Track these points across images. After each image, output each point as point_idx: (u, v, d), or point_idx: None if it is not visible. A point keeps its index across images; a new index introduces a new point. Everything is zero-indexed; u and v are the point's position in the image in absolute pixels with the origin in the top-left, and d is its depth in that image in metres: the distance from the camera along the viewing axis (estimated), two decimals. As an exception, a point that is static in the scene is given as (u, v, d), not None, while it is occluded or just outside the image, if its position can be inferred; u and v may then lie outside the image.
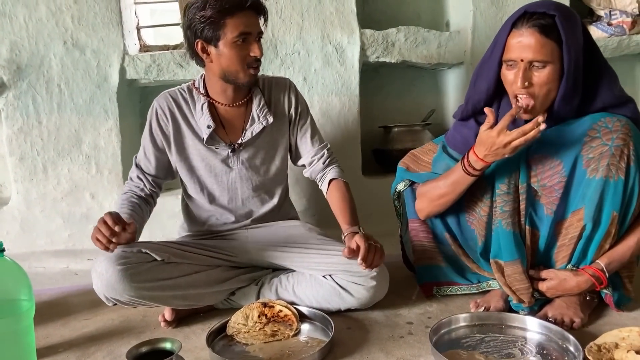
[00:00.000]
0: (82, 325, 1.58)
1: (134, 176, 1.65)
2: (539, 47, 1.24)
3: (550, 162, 1.37)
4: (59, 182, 2.24)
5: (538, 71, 1.27)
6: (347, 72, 2.28)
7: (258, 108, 1.62)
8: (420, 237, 1.62)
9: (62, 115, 2.21)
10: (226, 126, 1.62)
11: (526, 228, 1.43)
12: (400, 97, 2.62)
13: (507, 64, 1.31)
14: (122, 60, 2.20)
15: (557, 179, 1.36)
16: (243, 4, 1.45)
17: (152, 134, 1.62)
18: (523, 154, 1.39)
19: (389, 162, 2.41)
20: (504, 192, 1.42)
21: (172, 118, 1.61)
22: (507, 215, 1.42)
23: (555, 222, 1.41)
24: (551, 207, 1.39)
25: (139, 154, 1.67)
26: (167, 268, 1.46)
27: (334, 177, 1.64)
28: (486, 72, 1.36)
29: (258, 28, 1.50)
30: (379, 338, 1.39)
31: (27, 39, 2.16)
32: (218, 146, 1.61)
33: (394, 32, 2.30)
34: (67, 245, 2.27)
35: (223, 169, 1.63)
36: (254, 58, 1.50)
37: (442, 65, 2.44)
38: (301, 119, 1.69)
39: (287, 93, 1.68)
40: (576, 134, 1.32)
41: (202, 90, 1.61)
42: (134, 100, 2.40)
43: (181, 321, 1.54)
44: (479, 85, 1.39)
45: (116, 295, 1.38)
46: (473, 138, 1.41)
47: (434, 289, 1.65)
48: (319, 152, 1.69)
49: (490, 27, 2.31)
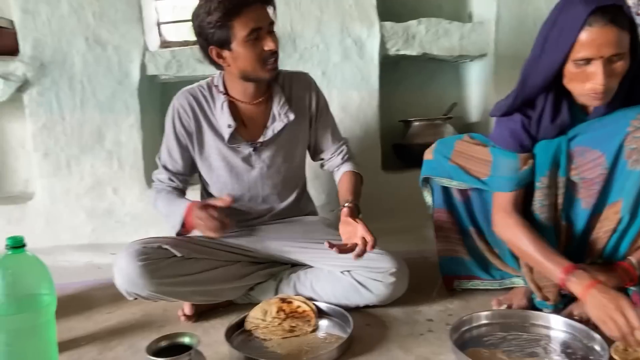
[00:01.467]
0: (105, 318, 1.61)
1: (164, 178, 1.62)
2: (618, 41, 1.17)
3: (591, 154, 1.31)
4: (82, 178, 2.28)
5: (615, 63, 1.20)
6: (367, 66, 2.25)
7: (279, 106, 1.59)
8: (445, 228, 1.59)
9: (85, 111, 2.24)
10: (247, 124, 1.60)
11: (562, 223, 1.39)
12: (420, 91, 2.58)
13: (577, 63, 1.22)
14: (143, 56, 2.21)
15: (598, 171, 1.30)
16: (248, 2, 1.40)
17: (176, 133, 1.59)
18: (564, 146, 1.33)
19: (409, 157, 2.38)
20: (545, 185, 1.36)
21: (194, 116, 1.58)
22: (545, 210, 1.37)
23: (591, 216, 1.36)
24: (589, 201, 1.34)
25: (162, 156, 1.63)
26: (187, 264, 1.47)
27: (348, 170, 1.67)
28: (544, 69, 1.28)
29: (268, 19, 1.45)
30: (398, 335, 1.37)
31: (49, 35, 2.19)
32: (239, 145, 1.59)
33: (415, 24, 2.26)
34: (91, 240, 2.31)
35: (244, 168, 1.62)
36: (270, 52, 1.45)
37: (464, 57, 2.39)
38: (321, 116, 1.68)
39: (308, 89, 1.66)
40: (620, 125, 1.26)
41: (221, 89, 1.58)
42: (154, 96, 2.42)
43: (201, 316, 1.55)
44: (533, 81, 1.31)
45: (137, 290, 1.39)
46: (521, 131, 1.36)
47: (455, 282, 1.62)
48: (339, 148, 1.70)
49: (514, 17, 2.25)
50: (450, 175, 1.52)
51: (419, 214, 2.13)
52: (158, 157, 1.66)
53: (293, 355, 1.28)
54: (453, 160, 1.50)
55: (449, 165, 1.50)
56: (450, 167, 1.50)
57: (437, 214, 1.60)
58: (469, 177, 1.47)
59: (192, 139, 1.60)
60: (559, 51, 1.23)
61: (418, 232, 2.14)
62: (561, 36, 1.22)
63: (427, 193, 1.63)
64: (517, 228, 1.35)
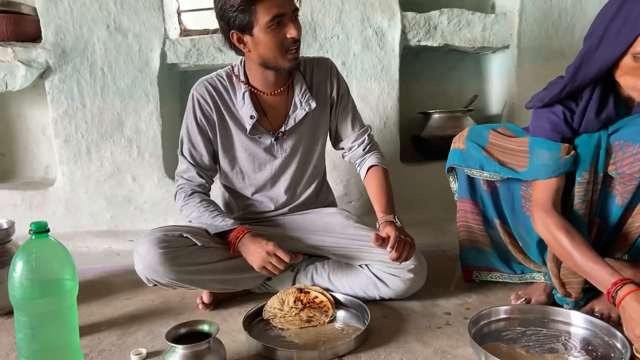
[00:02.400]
0: (124, 304, 1.62)
1: (190, 175, 1.57)
2: None
3: (632, 149, 1.27)
4: (102, 165, 2.30)
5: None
6: (387, 57, 2.23)
7: (300, 94, 1.56)
8: (469, 218, 1.57)
9: (105, 98, 2.26)
10: (269, 114, 1.57)
11: (595, 220, 1.36)
12: (441, 82, 2.55)
13: (637, 56, 1.18)
14: (163, 45, 2.22)
15: (638, 166, 1.27)
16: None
17: (198, 124, 1.55)
18: (604, 141, 1.31)
19: (428, 149, 2.37)
20: (587, 180, 1.33)
21: (214, 106, 1.55)
22: (585, 205, 1.34)
23: (623, 212, 1.33)
24: (625, 196, 1.31)
25: (185, 150, 1.58)
26: (206, 253, 1.47)
27: (373, 164, 1.61)
28: (601, 60, 1.24)
29: (292, 6, 1.40)
30: (416, 328, 1.37)
31: (71, 23, 2.20)
32: (261, 135, 1.57)
33: (437, 14, 2.23)
34: (110, 226, 2.33)
35: (267, 158, 1.61)
36: (292, 40, 1.41)
37: (487, 49, 2.36)
38: (342, 102, 1.64)
39: (329, 76, 1.62)
40: None
41: (242, 78, 1.55)
42: (174, 84, 2.43)
43: (218, 304, 1.56)
44: (587, 71, 1.27)
45: (157, 277, 1.40)
46: (562, 123, 1.32)
47: (474, 274, 1.61)
48: (360, 137, 1.64)
49: (539, 9, 2.21)
50: (482, 166, 1.47)
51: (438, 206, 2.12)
52: (180, 152, 1.60)
53: (310, 345, 1.28)
54: (488, 151, 1.46)
55: (482, 155, 1.46)
56: (483, 157, 1.46)
57: (461, 203, 1.58)
58: (504, 168, 1.43)
59: (214, 129, 1.57)
60: (620, 43, 1.18)
61: (437, 224, 2.13)
62: (625, 27, 1.17)
63: (452, 180, 1.61)
64: (557, 229, 1.28)
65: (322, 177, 1.75)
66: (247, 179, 1.63)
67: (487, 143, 1.47)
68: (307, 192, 1.69)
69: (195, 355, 1.11)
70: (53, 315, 1.06)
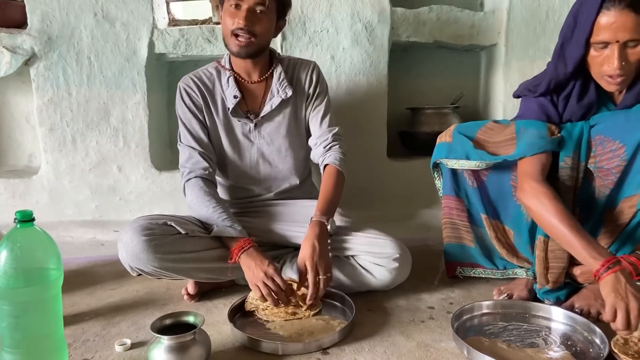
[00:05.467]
0: (108, 294, 1.62)
1: (196, 160, 1.59)
2: (635, 26, 1.17)
3: (612, 145, 1.31)
4: (87, 154, 2.28)
5: (632, 49, 1.21)
6: (376, 52, 2.24)
7: (278, 82, 1.64)
8: (453, 215, 1.59)
9: (92, 87, 2.23)
10: (248, 100, 1.66)
11: (575, 209, 1.39)
12: (429, 79, 2.56)
13: (596, 46, 1.24)
14: (151, 34, 2.20)
15: (616, 162, 1.31)
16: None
17: (190, 110, 1.63)
18: (585, 132, 1.34)
19: (416, 145, 2.38)
20: (569, 166, 1.36)
21: (200, 94, 1.64)
22: (567, 191, 1.37)
23: (604, 209, 1.36)
24: (604, 191, 1.35)
25: (183, 138, 1.63)
26: (190, 241, 1.47)
27: (328, 163, 1.62)
28: (571, 53, 1.29)
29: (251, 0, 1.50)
30: (400, 321, 1.38)
31: (58, 9, 2.17)
32: (240, 119, 1.65)
33: (426, 11, 2.24)
34: (95, 216, 2.32)
35: (245, 143, 1.67)
36: (237, 26, 1.50)
37: (475, 46, 2.38)
38: (317, 99, 1.70)
39: (310, 72, 1.70)
40: None
41: (227, 66, 1.66)
42: (161, 74, 2.41)
43: (204, 295, 1.56)
44: (562, 66, 1.32)
45: (140, 265, 1.40)
46: (550, 105, 1.37)
47: (458, 269, 1.63)
48: (324, 135, 1.66)
49: (526, 7, 2.23)
50: (468, 155, 1.47)
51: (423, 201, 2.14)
52: (179, 142, 1.65)
53: (295, 337, 1.29)
54: (476, 142, 1.48)
55: (470, 145, 1.47)
56: (470, 147, 1.47)
57: (445, 200, 1.60)
58: (492, 156, 1.43)
59: (202, 113, 1.64)
60: (581, 34, 1.24)
61: (421, 219, 2.15)
62: (582, 19, 1.23)
63: (437, 177, 1.63)
64: (544, 199, 1.27)
65: (307, 173, 1.80)
66: (229, 164, 1.69)
67: (475, 136, 1.50)
68: (289, 182, 1.73)
69: (180, 347, 1.11)
70: (37, 304, 1.05)
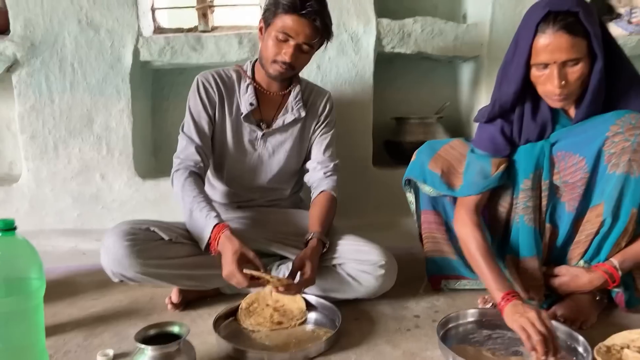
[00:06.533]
0: (90, 304, 1.59)
1: (190, 152, 1.58)
2: (570, 46, 1.22)
3: (573, 159, 1.35)
4: (70, 162, 2.24)
5: (572, 68, 1.26)
6: (362, 62, 2.25)
7: (294, 100, 1.68)
8: (433, 229, 1.61)
9: (75, 94, 2.20)
10: (262, 110, 1.68)
11: (546, 225, 1.42)
12: (414, 89, 2.59)
13: (537, 66, 1.28)
14: (136, 42, 2.18)
15: (579, 175, 1.35)
16: (296, 8, 1.48)
17: (203, 102, 1.63)
18: (547, 150, 1.38)
19: (400, 154, 2.39)
20: (528, 187, 1.41)
21: (217, 90, 1.65)
22: (530, 211, 1.41)
23: (575, 220, 1.40)
24: (572, 204, 1.38)
25: (186, 127, 1.63)
26: (174, 247, 1.47)
27: (326, 189, 1.65)
28: (512, 75, 1.33)
29: (303, 38, 1.52)
30: (386, 330, 1.39)
31: (41, 16, 2.14)
32: (251, 126, 1.66)
33: (411, 22, 2.27)
34: (76, 225, 2.28)
35: (249, 150, 1.68)
36: (282, 60, 1.54)
37: (458, 57, 2.41)
38: (326, 127, 1.74)
39: (325, 100, 1.75)
40: (599, 130, 1.30)
41: (249, 74, 1.68)
42: (146, 82, 2.39)
43: (188, 305, 1.55)
44: (506, 87, 1.37)
45: (122, 270, 1.39)
46: (498, 134, 1.42)
47: (442, 282, 1.64)
48: (326, 162, 1.70)
49: (509, 20, 2.26)
50: (425, 179, 1.56)
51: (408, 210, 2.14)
52: (181, 130, 1.64)
53: (281, 347, 1.29)
54: (433, 164, 1.54)
55: (427, 169, 1.55)
56: (427, 171, 1.55)
57: (424, 215, 1.62)
58: (442, 184, 1.52)
59: (214, 109, 1.65)
60: (520, 55, 1.29)
61: (406, 228, 2.16)
62: (521, 41, 1.29)
63: (409, 194, 1.66)
64: (473, 229, 1.40)
65: (297, 189, 1.83)
66: (227, 165, 1.69)
67: (434, 155, 1.56)
68: (279, 194, 1.76)
69: (164, 357, 1.10)
70: (19, 314, 1.03)
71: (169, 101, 2.42)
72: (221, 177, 1.73)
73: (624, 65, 1.34)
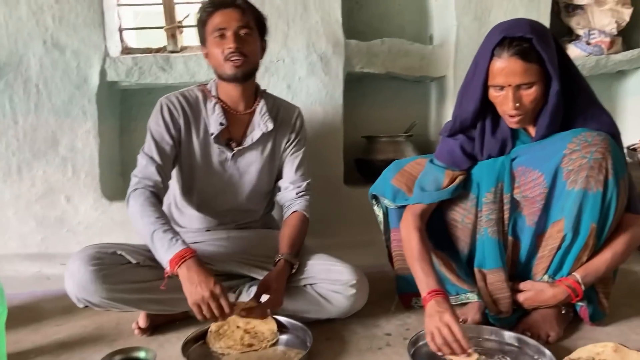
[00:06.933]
0: (54, 331, 1.54)
1: (150, 172, 1.52)
2: (523, 71, 1.27)
3: (532, 174, 1.39)
4: (34, 184, 2.19)
5: (526, 91, 1.31)
6: (332, 82, 2.28)
7: (260, 114, 1.65)
8: (402, 247, 1.61)
9: (39, 115, 2.17)
10: (231, 130, 1.65)
11: (509, 238, 1.46)
12: (383, 108, 2.63)
13: (494, 88, 1.33)
14: (103, 62, 2.17)
15: (538, 191, 1.38)
16: (216, 6, 1.54)
17: (166, 124, 1.58)
18: (507, 165, 1.43)
19: (371, 172, 2.41)
20: (490, 200, 1.44)
21: (183, 113, 1.61)
22: (492, 224, 1.44)
23: (536, 234, 1.43)
24: (533, 219, 1.42)
25: (146, 147, 1.57)
26: (142, 271, 1.43)
27: (299, 210, 1.64)
28: (471, 94, 1.38)
29: (235, 24, 1.53)
30: (358, 349, 1.38)
31: (6, 37, 2.11)
32: (220, 147, 1.63)
33: (379, 43, 2.32)
34: (40, 249, 2.22)
35: (219, 171, 1.65)
36: (229, 51, 1.52)
37: (426, 77, 2.46)
38: (297, 145, 1.72)
39: (295, 117, 1.74)
40: (557, 147, 1.35)
41: (213, 93, 1.65)
42: (114, 102, 2.36)
43: (156, 329, 1.51)
44: (465, 105, 1.42)
45: (88, 296, 1.35)
46: (458, 148, 1.47)
47: (413, 300, 1.65)
48: (298, 182, 1.69)
49: (473, 41, 2.33)
50: (384, 193, 1.60)
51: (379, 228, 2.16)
52: (141, 150, 1.58)
53: (251, 369, 1.27)
54: (395, 180, 1.58)
55: (389, 184, 1.59)
56: (388, 186, 1.59)
57: (393, 233, 1.64)
58: (400, 197, 1.56)
59: (179, 132, 1.61)
60: (478, 77, 1.35)
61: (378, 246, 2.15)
62: (480, 62, 1.34)
63: (378, 209, 1.69)
64: (414, 232, 1.45)
65: (269, 208, 1.81)
66: (197, 189, 1.66)
67: (399, 170, 1.60)
68: (250, 216, 1.73)
69: (130, 383, 1.07)
70: (-24, 344, 0.99)
71: (137, 121, 2.39)
72: (191, 202, 1.69)
73: (582, 86, 1.40)
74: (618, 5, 2.45)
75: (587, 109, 1.38)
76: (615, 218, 1.34)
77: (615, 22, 2.43)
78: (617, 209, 1.33)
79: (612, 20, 2.43)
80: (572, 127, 1.37)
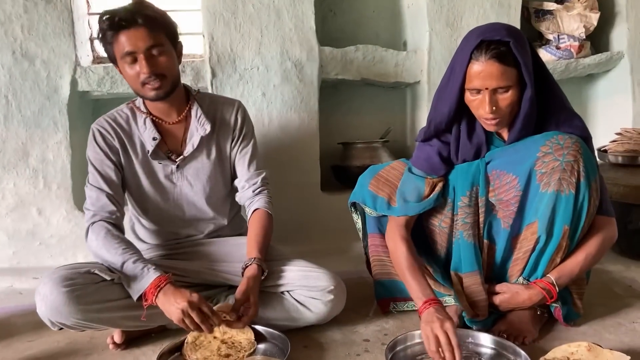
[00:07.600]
0: (26, 347, 1.51)
1: (104, 203, 1.50)
2: (500, 74, 1.29)
3: (506, 177, 1.41)
4: (4, 197, 2.14)
5: (502, 94, 1.32)
6: (306, 89, 2.28)
7: (196, 119, 1.60)
8: (380, 252, 1.62)
9: (9, 127, 2.12)
10: (168, 141, 1.61)
11: (484, 241, 1.47)
12: (359, 114, 2.64)
13: (470, 91, 1.35)
14: (74, 72, 2.13)
15: (512, 194, 1.40)
16: (114, 27, 1.42)
17: (103, 151, 1.55)
18: (482, 169, 1.44)
19: (348, 178, 2.42)
20: (466, 204, 1.46)
21: (116, 136, 1.57)
22: (468, 227, 1.45)
23: (511, 237, 1.45)
24: (507, 221, 1.43)
25: (92, 179, 1.55)
26: (117, 289, 1.40)
27: (258, 207, 1.61)
28: (447, 97, 1.39)
29: (145, 43, 1.43)
30: (336, 356, 1.38)
31: (-27, 48, 2.07)
32: (161, 161, 1.59)
33: (353, 50, 2.33)
34: (12, 263, 2.17)
35: (168, 186, 1.61)
36: (145, 76, 1.45)
37: (400, 83, 2.48)
38: (244, 140, 1.67)
39: (235, 112, 1.67)
40: (530, 151, 1.37)
41: (142, 109, 1.60)
42: (85, 112, 2.33)
43: (131, 343, 1.49)
44: (441, 108, 1.42)
45: (62, 319, 1.32)
46: (435, 154, 1.47)
47: (391, 305, 1.65)
48: (253, 179, 1.65)
49: (445, 47, 2.36)
50: (364, 200, 1.59)
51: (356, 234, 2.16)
52: (87, 183, 1.55)
53: (228, 380, 1.25)
54: (372, 185, 1.58)
55: (367, 191, 1.58)
56: (367, 192, 1.58)
57: (371, 239, 1.64)
58: (382, 205, 1.55)
59: (118, 155, 1.57)
60: (455, 80, 1.36)
61: (355, 252, 2.17)
62: (457, 66, 1.36)
63: (356, 216, 1.69)
64: (401, 243, 1.47)
65: (234, 211, 1.77)
66: (151, 207, 1.62)
67: (373, 178, 1.59)
68: (216, 223, 1.69)
69: (103, 399, 1.05)
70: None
71: (110, 131, 2.36)
72: (152, 220, 1.65)
73: (554, 91, 1.43)
74: (586, 10, 2.51)
75: (559, 113, 1.40)
76: (587, 220, 1.37)
77: (584, 26, 2.49)
78: (589, 210, 1.36)
79: (580, 25, 2.49)
80: (544, 130, 1.39)
